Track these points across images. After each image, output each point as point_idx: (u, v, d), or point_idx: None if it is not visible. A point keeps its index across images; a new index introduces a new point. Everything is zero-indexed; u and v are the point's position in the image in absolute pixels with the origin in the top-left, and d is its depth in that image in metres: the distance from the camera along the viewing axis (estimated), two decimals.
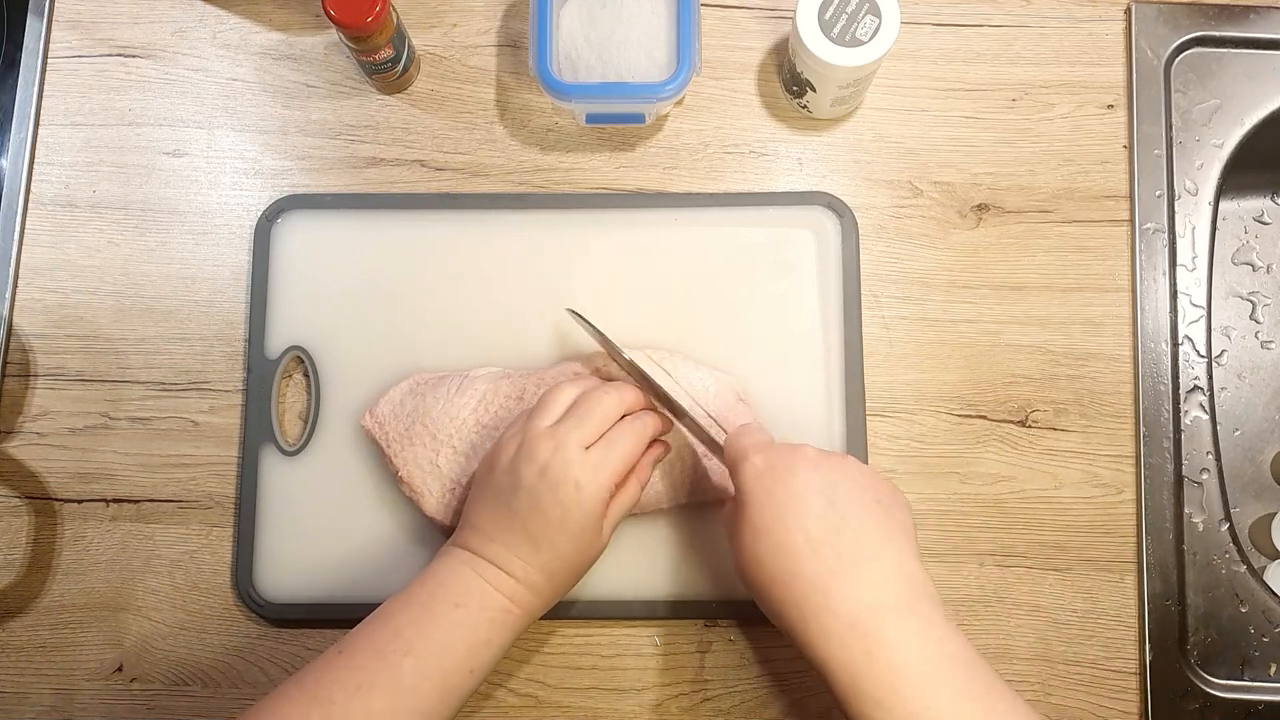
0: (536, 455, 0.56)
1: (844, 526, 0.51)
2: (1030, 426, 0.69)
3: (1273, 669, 0.67)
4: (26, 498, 0.69)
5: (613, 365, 0.64)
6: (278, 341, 0.69)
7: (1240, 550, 0.68)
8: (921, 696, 0.48)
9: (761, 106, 0.73)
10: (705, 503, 0.65)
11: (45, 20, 0.75)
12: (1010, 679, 0.66)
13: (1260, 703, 0.66)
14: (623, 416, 0.59)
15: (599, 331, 0.63)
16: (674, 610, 0.66)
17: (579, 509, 0.55)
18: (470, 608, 0.55)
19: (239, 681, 0.66)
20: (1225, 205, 0.82)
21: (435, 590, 0.56)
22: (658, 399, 0.61)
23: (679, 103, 0.73)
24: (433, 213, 0.71)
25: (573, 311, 0.64)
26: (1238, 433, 0.80)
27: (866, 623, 0.49)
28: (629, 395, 0.59)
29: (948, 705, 0.48)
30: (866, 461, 0.67)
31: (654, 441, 0.61)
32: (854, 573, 0.50)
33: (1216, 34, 0.73)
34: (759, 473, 0.53)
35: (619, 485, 0.57)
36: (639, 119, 0.70)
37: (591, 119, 0.71)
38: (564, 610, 0.66)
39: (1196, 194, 0.72)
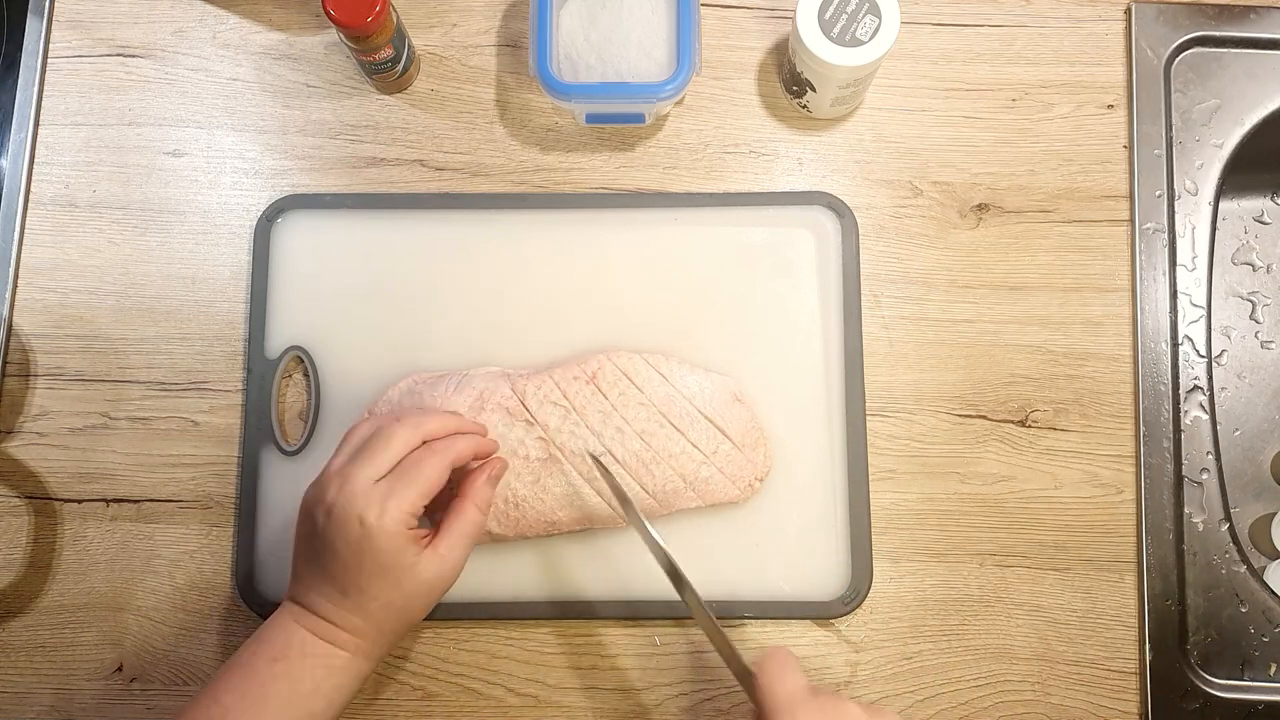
0: (325, 496, 0.55)
1: None
2: (1030, 426, 0.69)
3: (1273, 669, 0.67)
4: (26, 498, 0.69)
5: (606, 367, 0.64)
6: (278, 341, 0.69)
7: (1240, 550, 0.68)
8: None
9: (761, 106, 0.73)
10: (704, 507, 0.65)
11: (45, 20, 0.75)
12: (1010, 679, 0.66)
13: (1260, 703, 0.66)
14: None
15: (622, 490, 0.62)
16: (674, 610, 0.66)
17: (369, 544, 0.53)
18: (290, 659, 0.54)
19: None
20: (1225, 205, 0.82)
21: (257, 649, 0.55)
22: (672, 576, 0.59)
23: (679, 103, 0.73)
24: (433, 213, 0.71)
25: (593, 457, 0.62)
26: (1238, 433, 0.80)
27: None
28: (430, 423, 0.57)
29: None
30: (866, 461, 0.67)
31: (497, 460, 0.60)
32: None
33: (1216, 34, 0.73)
34: None
35: (452, 514, 0.56)
36: (639, 119, 0.70)
37: (591, 119, 0.71)
38: (565, 610, 0.66)
39: (1196, 194, 0.72)
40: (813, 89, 0.69)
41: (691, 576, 0.67)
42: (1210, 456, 0.69)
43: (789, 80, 0.71)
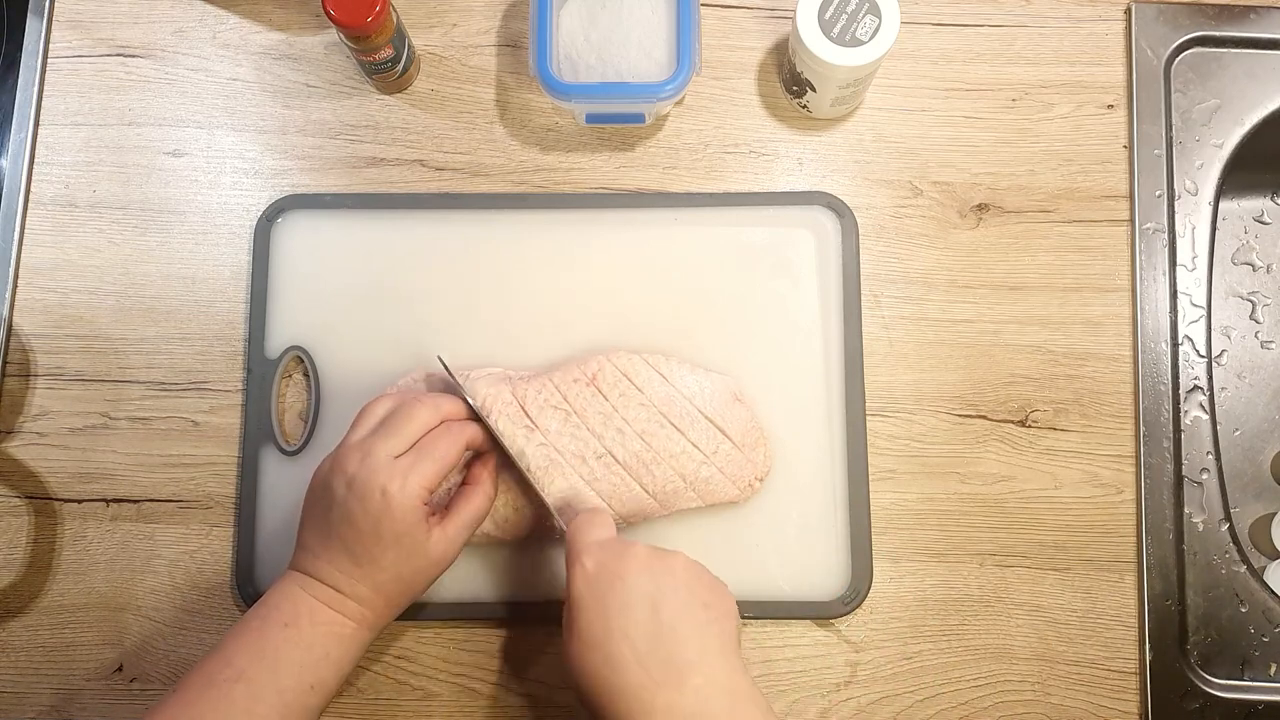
0: (346, 468, 0.56)
1: (668, 636, 0.51)
2: (1030, 426, 0.69)
3: (1273, 669, 0.67)
4: (26, 498, 0.69)
5: (606, 369, 0.64)
6: (278, 341, 0.69)
7: (1240, 550, 0.68)
8: None
9: (761, 106, 0.73)
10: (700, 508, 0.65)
11: (45, 20, 0.75)
12: (1010, 679, 0.66)
13: (1260, 703, 0.66)
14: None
15: (459, 384, 0.63)
16: None
17: (388, 516, 0.55)
18: (300, 626, 0.55)
19: None
20: (1225, 205, 0.82)
21: (267, 614, 0.56)
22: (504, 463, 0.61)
23: (679, 103, 0.73)
24: (433, 213, 0.71)
25: (440, 359, 0.64)
26: (1238, 433, 0.80)
27: None
28: (446, 405, 0.59)
29: None
30: (866, 461, 0.67)
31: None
32: (676, 683, 0.50)
33: (1216, 34, 0.73)
34: (589, 577, 0.53)
35: (461, 499, 0.58)
36: (639, 119, 0.70)
37: (591, 119, 0.71)
38: None
39: (1196, 194, 0.72)
40: (813, 89, 0.69)
41: None
42: (1210, 456, 0.69)
43: (789, 80, 0.71)
